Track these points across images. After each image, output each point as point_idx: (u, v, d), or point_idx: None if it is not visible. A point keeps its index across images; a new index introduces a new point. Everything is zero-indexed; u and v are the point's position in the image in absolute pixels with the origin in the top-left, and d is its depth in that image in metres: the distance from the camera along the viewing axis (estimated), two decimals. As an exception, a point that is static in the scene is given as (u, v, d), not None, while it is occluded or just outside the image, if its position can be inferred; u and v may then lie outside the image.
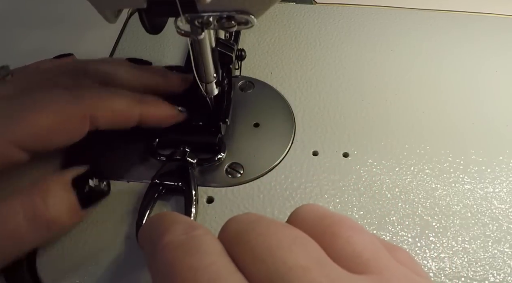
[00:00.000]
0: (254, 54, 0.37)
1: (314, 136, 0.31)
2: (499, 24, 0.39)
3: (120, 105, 0.26)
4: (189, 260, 0.16)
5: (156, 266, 0.17)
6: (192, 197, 0.26)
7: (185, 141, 0.29)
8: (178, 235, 0.17)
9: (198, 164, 0.28)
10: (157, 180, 0.27)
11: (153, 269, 0.18)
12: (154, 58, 0.37)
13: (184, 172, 0.27)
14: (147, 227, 0.21)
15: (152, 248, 0.17)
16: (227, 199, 0.28)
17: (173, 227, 0.17)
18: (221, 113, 0.29)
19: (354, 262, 0.16)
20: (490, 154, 0.30)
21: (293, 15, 0.40)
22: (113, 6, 0.20)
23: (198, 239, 0.17)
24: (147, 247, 0.19)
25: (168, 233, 0.17)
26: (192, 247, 0.16)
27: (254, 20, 0.20)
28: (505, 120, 0.32)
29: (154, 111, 0.27)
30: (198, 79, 0.26)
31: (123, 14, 0.29)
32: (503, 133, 0.31)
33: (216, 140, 0.29)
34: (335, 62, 0.36)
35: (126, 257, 0.25)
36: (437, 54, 0.36)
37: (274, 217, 0.27)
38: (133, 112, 0.26)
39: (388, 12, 0.40)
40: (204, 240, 0.17)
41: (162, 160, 0.28)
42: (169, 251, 0.16)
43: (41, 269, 0.25)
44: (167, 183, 0.27)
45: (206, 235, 0.17)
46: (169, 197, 0.28)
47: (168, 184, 0.27)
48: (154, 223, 0.19)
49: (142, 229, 0.21)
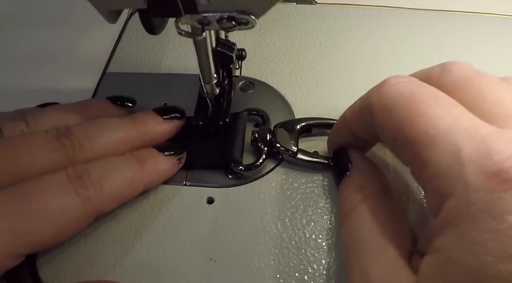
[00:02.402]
0: (254, 54, 0.37)
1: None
2: (499, 24, 0.39)
3: (126, 193, 0.25)
4: (427, 90, 0.20)
5: (387, 97, 0.21)
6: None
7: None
8: (402, 79, 0.21)
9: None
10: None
11: (379, 101, 0.21)
12: (154, 59, 0.37)
13: None
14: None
15: (372, 91, 0.22)
16: (228, 199, 0.28)
17: (391, 78, 0.22)
18: (221, 113, 0.29)
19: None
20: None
21: (293, 15, 0.40)
22: (113, 6, 0.20)
23: (422, 83, 0.21)
24: (358, 102, 0.24)
25: (391, 79, 0.22)
26: (423, 84, 0.21)
27: (255, 21, 0.20)
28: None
29: (157, 178, 0.27)
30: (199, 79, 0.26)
31: (123, 14, 0.29)
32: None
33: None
34: (335, 62, 0.36)
35: (127, 256, 0.25)
36: (437, 54, 0.36)
37: (275, 218, 0.27)
38: (137, 192, 0.26)
39: (388, 12, 0.40)
40: (427, 84, 0.21)
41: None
42: (404, 85, 0.21)
43: (42, 269, 0.25)
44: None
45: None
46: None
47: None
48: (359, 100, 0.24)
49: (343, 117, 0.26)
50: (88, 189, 0.23)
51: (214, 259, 0.25)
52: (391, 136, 0.20)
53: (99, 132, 0.25)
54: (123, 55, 0.38)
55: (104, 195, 0.23)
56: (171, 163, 0.27)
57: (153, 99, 0.33)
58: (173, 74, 0.36)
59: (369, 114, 0.22)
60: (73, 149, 0.24)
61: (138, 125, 0.27)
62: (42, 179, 0.22)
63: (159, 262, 0.25)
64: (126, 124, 0.26)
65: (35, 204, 0.21)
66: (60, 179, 0.22)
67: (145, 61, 0.37)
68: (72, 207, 0.22)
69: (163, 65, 0.37)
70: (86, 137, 0.25)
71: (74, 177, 0.23)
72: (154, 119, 0.27)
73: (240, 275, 0.24)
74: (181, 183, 0.28)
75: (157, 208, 0.27)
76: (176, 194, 0.28)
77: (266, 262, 0.25)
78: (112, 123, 0.26)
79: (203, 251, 0.25)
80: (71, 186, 0.22)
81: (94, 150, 0.25)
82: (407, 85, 0.21)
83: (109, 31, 0.40)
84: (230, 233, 0.26)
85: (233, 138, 0.29)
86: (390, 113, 0.20)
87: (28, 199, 0.21)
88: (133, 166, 0.25)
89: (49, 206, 0.21)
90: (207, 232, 0.26)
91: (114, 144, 0.25)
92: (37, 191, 0.22)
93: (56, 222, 0.22)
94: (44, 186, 0.22)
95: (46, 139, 0.24)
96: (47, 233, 0.22)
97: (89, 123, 0.26)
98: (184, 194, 0.28)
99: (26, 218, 0.21)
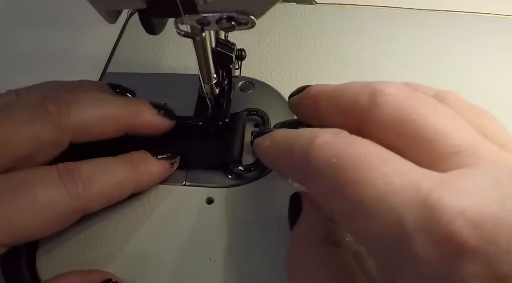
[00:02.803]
0: (254, 54, 0.37)
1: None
2: (499, 24, 0.39)
3: (115, 193, 0.25)
4: (354, 149, 0.17)
5: (315, 165, 0.18)
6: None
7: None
8: (329, 137, 0.18)
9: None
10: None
11: (307, 170, 0.19)
12: (154, 59, 0.37)
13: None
14: (274, 143, 0.22)
15: (299, 154, 0.19)
16: (227, 199, 0.28)
17: (319, 133, 0.19)
18: (221, 113, 0.29)
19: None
20: (490, 154, 0.30)
21: (293, 15, 0.40)
22: (113, 6, 0.20)
23: (351, 137, 0.18)
24: (284, 158, 0.21)
25: (317, 137, 0.18)
26: (350, 142, 0.17)
27: (255, 21, 0.20)
28: (505, 121, 0.32)
29: (147, 181, 0.27)
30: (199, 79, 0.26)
31: (123, 14, 0.29)
32: (503, 133, 0.31)
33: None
34: (335, 62, 0.36)
35: (126, 256, 0.25)
36: (437, 54, 0.36)
37: (275, 218, 0.27)
38: (126, 193, 0.26)
39: (388, 12, 0.40)
40: (356, 137, 0.18)
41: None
42: (329, 147, 0.18)
43: (42, 269, 0.25)
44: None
45: (352, 135, 0.18)
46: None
47: None
48: (285, 137, 0.21)
49: (268, 147, 0.23)
50: (77, 185, 0.23)
51: (213, 259, 0.25)
52: (328, 207, 0.18)
53: (88, 103, 0.25)
54: (123, 55, 0.38)
55: (92, 193, 0.23)
56: (162, 167, 0.27)
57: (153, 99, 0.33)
58: (173, 74, 0.36)
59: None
60: (59, 114, 0.23)
61: (132, 107, 0.26)
62: (32, 171, 0.22)
63: (159, 262, 0.25)
64: (119, 104, 0.26)
65: (22, 194, 0.21)
66: (50, 173, 0.22)
67: (145, 61, 0.37)
68: (59, 201, 0.22)
69: (163, 65, 0.37)
70: (75, 103, 0.24)
71: (64, 172, 0.23)
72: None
73: (240, 275, 0.24)
74: (181, 183, 0.28)
75: (156, 208, 0.27)
76: (176, 194, 0.28)
77: (266, 262, 0.25)
78: (105, 100, 0.26)
79: (203, 251, 0.25)
80: (60, 181, 0.22)
81: (82, 119, 0.24)
82: (333, 146, 0.18)
83: (109, 31, 0.40)
84: (229, 233, 0.26)
85: (232, 138, 0.29)
86: (320, 185, 0.18)
87: (16, 189, 0.21)
88: (125, 168, 0.25)
89: (37, 198, 0.21)
90: (207, 232, 0.26)
91: (103, 118, 0.25)
92: (26, 182, 0.22)
93: (41, 215, 0.22)
94: (33, 177, 0.22)
95: (29, 106, 0.23)
96: (31, 225, 0.22)
97: (80, 93, 0.26)
98: (183, 194, 0.28)
99: (12, 207, 0.21)
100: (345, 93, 0.21)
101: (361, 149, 0.17)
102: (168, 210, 0.27)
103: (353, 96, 0.21)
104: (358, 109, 0.20)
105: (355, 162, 0.16)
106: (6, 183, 0.22)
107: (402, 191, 0.15)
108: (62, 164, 0.23)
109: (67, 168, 0.23)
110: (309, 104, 0.24)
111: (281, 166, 0.22)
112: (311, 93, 0.24)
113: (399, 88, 0.19)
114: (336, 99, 0.22)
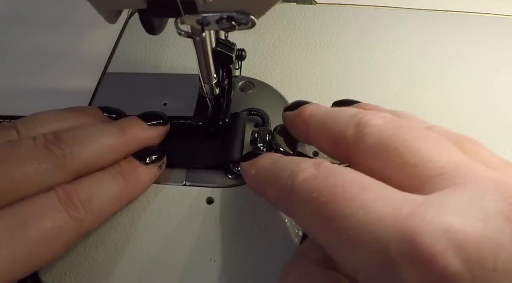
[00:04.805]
0: (254, 54, 0.37)
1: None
2: (499, 24, 0.39)
3: (113, 209, 0.25)
4: (333, 181, 0.17)
5: (298, 201, 0.18)
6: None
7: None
8: (310, 171, 0.18)
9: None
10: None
11: (293, 206, 0.19)
12: (154, 59, 0.37)
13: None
14: (260, 174, 0.23)
15: (284, 190, 0.19)
16: (227, 199, 0.28)
17: (300, 166, 0.19)
18: (221, 113, 0.29)
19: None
20: (490, 154, 0.30)
21: (293, 15, 0.40)
22: (113, 6, 0.20)
23: (331, 168, 0.18)
24: (271, 192, 0.21)
25: (299, 172, 0.18)
26: (329, 174, 0.17)
27: (255, 21, 0.20)
28: (505, 121, 0.32)
29: (140, 190, 0.27)
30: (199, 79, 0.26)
31: (123, 14, 0.29)
32: (503, 133, 0.31)
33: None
34: (335, 62, 0.36)
35: (127, 256, 0.25)
36: (437, 54, 0.36)
37: (276, 218, 0.27)
38: (123, 205, 0.26)
39: (388, 12, 0.40)
40: (337, 167, 0.18)
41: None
42: (309, 183, 0.18)
43: (42, 269, 0.25)
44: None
45: (334, 165, 0.18)
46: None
47: None
48: (271, 168, 0.21)
49: (254, 177, 0.23)
50: (79, 211, 0.23)
51: (214, 259, 0.25)
52: (316, 241, 0.18)
53: (88, 139, 0.25)
54: (123, 55, 0.38)
55: (94, 214, 0.24)
56: (152, 174, 0.27)
57: (153, 99, 0.33)
58: (173, 74, 0.36)
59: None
60: (64, 157, 0.24)
61: (125, 132, 0.27)
62: (36, 202, 0.22)
63: (159, 262, 0.25)
64: (113, 130, 0.26)
65: (33, 230, 0.21)
66: (52, 201, 0.22)
67: (145, 61, 0.37)
68: (64, 229, 0.22)
69: (163, 65, 0.37)
70: (76, 144, 0.24)
71: (64, 198, 0.23)
72: (139, 125, 0.28)
73: (240, 275, 0.24)
74: (181, 183, 0.28)
75: (157, 208, 0.27)
76: (176, 194, 0.28)
77: (266, 262, 0.25)
78: (100, 129, 0.26)
79: (203, 251, 0.25)
80: (63, 209, 0.22)
81: (84, 157, 0.25)
82: (313, 181, 0.18)
83: (109, 31, 0.40)
84: (229, 233, 0.26)
85: (232, 138, 0.29)
86: (305, 221, 0.18)
87: (26, 225, 0.21)
88: (118, 182, 0.25)
89: (46, 230, 0.21)
90: (207, 232, 0.26)
91: (103, 151, 0.26)
92: (33, 216, 0.21)
93: (50, 245, 0.22)
94: (39, 210, 0.22)
95: (35, 149, 0.23)
96: (42, 256, 0.22)
97: (77, 129, 0.26)
98: (183, 194, 0.28)
99: (25, 244, 0.21)
100: (335, 122, 0.22)
101: (340, 180, 0.17)
102: (168, 210, 0.27)
103: (340, 127, 0.21)
104: (345, 140, 0.21)
105: (334, 194, 0.16)
106: (15, 219, 0.21)
107: (383, 218, 0.15)
108: (60, 189, 0.23)
109: (65, 192, 0.23)
110: (302, 127, 0.25)
111: (269, 200, 0.22)
112: (304, 116, 0.24)
113: (385, 118, 0.20)
114: (325, 126, 0.22)
